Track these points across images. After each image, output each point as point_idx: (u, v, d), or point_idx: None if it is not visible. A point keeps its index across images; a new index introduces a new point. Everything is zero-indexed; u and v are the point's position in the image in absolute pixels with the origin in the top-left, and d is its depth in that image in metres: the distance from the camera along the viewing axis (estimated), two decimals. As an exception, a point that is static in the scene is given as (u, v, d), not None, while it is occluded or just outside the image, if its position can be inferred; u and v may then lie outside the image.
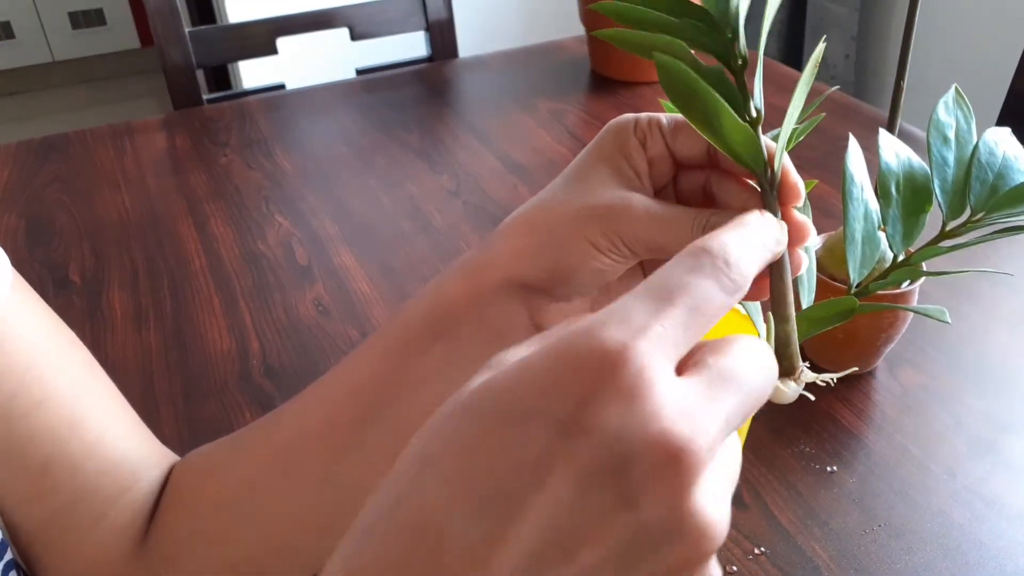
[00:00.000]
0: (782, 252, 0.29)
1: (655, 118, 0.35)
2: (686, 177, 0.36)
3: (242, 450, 0.43)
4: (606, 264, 0.34)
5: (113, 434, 0.43)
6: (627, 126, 0.35)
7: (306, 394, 0.41)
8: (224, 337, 0.74)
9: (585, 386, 0.20)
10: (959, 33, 1.93)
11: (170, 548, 0.42)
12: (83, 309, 0.79)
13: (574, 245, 0.33)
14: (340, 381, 0.40)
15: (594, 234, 0.33)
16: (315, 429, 0.40)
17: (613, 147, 0.35)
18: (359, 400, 0.39)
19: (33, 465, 0.39)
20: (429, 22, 1.33)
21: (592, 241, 0.33)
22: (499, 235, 0.36)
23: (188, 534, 0.42)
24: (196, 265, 0.85)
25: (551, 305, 0.36)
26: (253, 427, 0.43)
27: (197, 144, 1.10)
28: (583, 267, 0.34)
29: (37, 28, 3.05)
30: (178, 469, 0.45)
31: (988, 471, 0.57)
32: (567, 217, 0.34)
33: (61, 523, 0.40)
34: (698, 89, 0.28)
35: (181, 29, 1.21)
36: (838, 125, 1.03)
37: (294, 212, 0.93)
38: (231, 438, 0.44)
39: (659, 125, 0.35)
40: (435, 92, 1.24)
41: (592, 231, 0.33)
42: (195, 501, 0.43)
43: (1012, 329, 0.70)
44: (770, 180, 0.32)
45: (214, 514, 0.42)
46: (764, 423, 0.60)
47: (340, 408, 0.39)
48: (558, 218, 0.34)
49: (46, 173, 1.04)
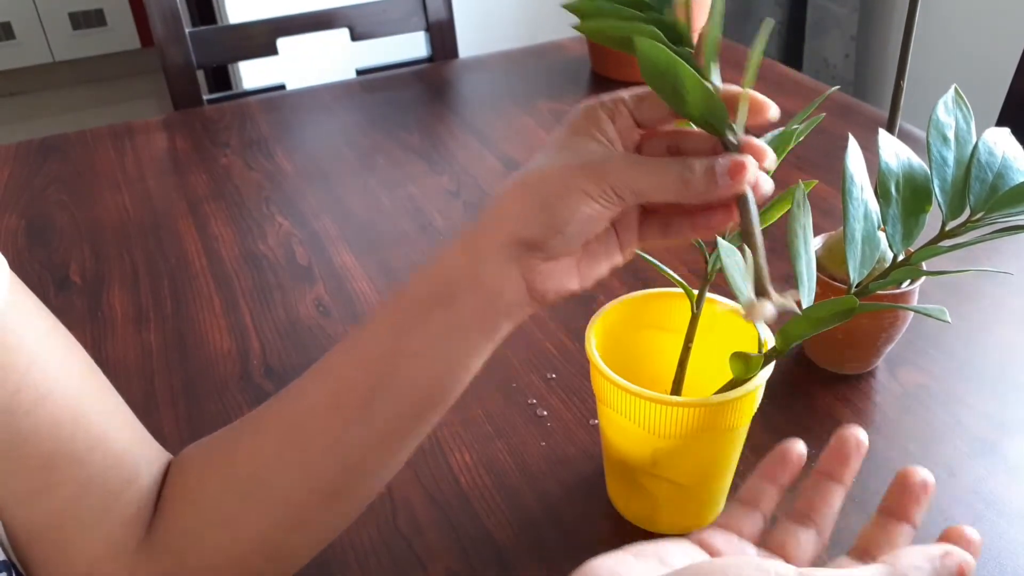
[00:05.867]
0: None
1: (618, 96, 0.40)
2: (649, 145, 0.41)
3: (247, 433, 0.43)
4: (596, 210, 0.38)
5: (115, 430, 0.43)
6: (595, 105, 0.40)
7: (311, 373, 0.43)
8: (224, 337, 0.74)
9: None
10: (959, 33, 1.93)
11: (177, 539, 0.43)
12: (84, 309, 0.79)
13: (569, 196, 0.38)
14: (346, 355, 0.42)
15: (587, 184, 0.38)
16: (323, 403, 0.41)
17: (586, 123, 0.40)
18: (366, 371, 0.41)
19: (37, 460, 0.39)
20: (429, 22, 1.33)
21: (585, 190, 0.38)
22: (493, 205, 0.40)
23: (195, 522, 0.43)
24: (197, 265, 0.85)
25: (542, 264, 0.40)
26: (257, 411, 0.44)
27: (197, 144, 1.10)
28: (576, 215, 0.38)
29: (37, 29, 3.05)
30: (177, 462, 0.45)
31: (988, 471, 0.57)
32: (560, 174, 0.38)
33: (66, 518, 0.40)
34: (670, 61, 0.33)
35: (181, 30, 1.21)
36: (838, 125, 1.04)
37: (294, 212, 0.93)
38: (231, 427, 0.45)
39: (623, 101, 0.40)
40: (435, 92, 1.24)
41: (584, 181, 0.38)
42: (200, 489, 0.43)
43: (1012, 329, 0.70)
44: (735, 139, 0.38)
45: (221, 499, 0.42)
46: (763, 423, 0.60)
47: (347, 381, 0.41)
48: (552, 177, 0.38)
49: (46, 174, 1.04)
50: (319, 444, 0.41)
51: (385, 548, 0.54)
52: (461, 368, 0.41)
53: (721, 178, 0.37)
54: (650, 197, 0.38)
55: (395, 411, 0.41)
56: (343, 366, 0.42)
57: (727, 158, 0.38)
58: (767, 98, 0.38)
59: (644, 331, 0.55)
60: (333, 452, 0.41)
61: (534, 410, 0.65)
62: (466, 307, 0.40)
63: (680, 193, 0.38)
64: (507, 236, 0.39)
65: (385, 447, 0.42)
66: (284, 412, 0.42)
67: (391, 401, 0.40)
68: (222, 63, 1.33)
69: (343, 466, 0.41)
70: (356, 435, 0.41)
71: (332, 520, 0.44)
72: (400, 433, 0.42)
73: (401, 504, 0.57)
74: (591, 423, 0.63)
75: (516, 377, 0.68)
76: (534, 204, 0.38)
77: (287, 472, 0.42)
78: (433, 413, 0.42)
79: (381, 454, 0.42)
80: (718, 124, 0.36)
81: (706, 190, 0.38)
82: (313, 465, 0.41)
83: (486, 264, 0.39)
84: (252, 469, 0.42)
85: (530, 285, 0.40)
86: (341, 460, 0.41)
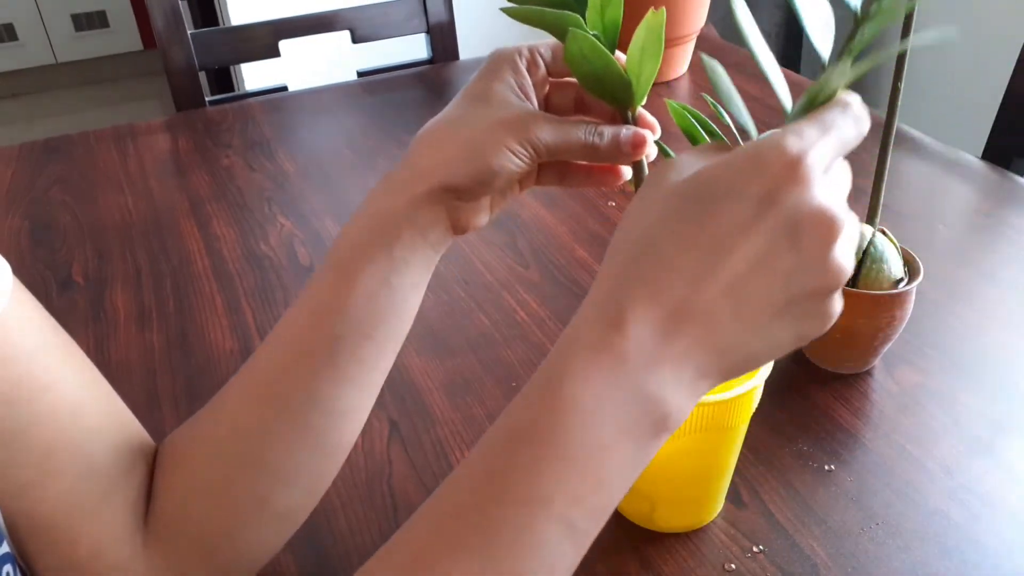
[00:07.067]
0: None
1: (535, 46, 0.47)
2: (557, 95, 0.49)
3: (226, 403, 0.45)
4: (516, 164, 0.44)
5: (112, 422, 0.44)
6: (514, 54, 0.46)
7: (273, 336, 0.45)
8: (227, 337, 0.75)
9: (775, 176, 0.32)
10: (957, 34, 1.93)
11: (171, 515, 0.44)
12: (86, 309, 0.79)
13: (495, 151, 0.43)
14: (302, 310, 0.45)
15: (511, 142, 0.43)
16: (290, 358, 0.44)
17: (507, 71, 0.45)
18: (324, 321, 0.44)
19: (36, 448, 0.40)
20: (430, 25, 1.34)
21: (509, 147, 0.43)
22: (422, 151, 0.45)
23: (186, 497, 0.44)
24: (199, 266, 0.85)
25: (465, 205, 0.45)
26: (231, 381, 0.46)
27: (200, 146, 1.10)
28: (502, 169, 0.43)
29: (40, 30, 3.06)
30: (163, 448, 0.47)
31: (985, 470, 0.58)
32: (488, 129, 0.43)
33: (66, 506, 0.41)
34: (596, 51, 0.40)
35: (184, 31, 1.21)
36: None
37: (296, 213, 0.94)
38: (208, 405, 0.46)
39: (539, 52, 0.46)
40: (436, 94, 1.24)
41: (509, 139, 0.43)
42: (189, 461, 0.45)
43: (1009, 330, 0.71)
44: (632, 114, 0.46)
45: (211, 467, 0.44)
46: (762, 422, 0.61)
47: (307, 333, 0.44)
48: (480, 131, 0.43)
49: (49, 174, 1.04)
50: (296, 397, 0.44)
51: (386, 546, 0.55)
52: (408, 299, 0.46)
53: (624, 146, 0.44)
54: (561, 156, 0.45)
55: (356, 351, 0.44)
56: (302, 324, 0.45)
57: (630, 130, 0.45)
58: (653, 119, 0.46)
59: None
60: (310, 400, 0.44)
61: (534, 409, 0.65)
62: (404, 245, 0.44)
63: (588, 156, 0.45)
64: (437, 183, 0.44)
65: (354, 384, 0.45)
66: (257, 375, 0.45)
67: (350, 343, 0.44)
68: (224, 65, 1.33)
69: (321, 411, 0.44)
70: (326, 379, 0.44)
71: (321, 466, 0.46)
72: (366, 367, 0.45)
73: (402, 502, 0.58)
74: (591, 422, 0.63)
75: (516, 377, 0.68)
76: (462, 156, 0.43)
77: (271, 428, 0.43)
78: (392, 343, 0.46)
79: (352, 391, 0.45)
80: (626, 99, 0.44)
81: (609, 156, 0.45)
82: (294, 417, 0.44)
83: (419, 207, 0.44)
84: (237, 433, 0.44)
85: (452, 222, 0.46)
86: (318, 406, 0.44)
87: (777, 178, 0.32)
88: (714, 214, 0.32)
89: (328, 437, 0.45)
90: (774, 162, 0.32)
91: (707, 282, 0.32)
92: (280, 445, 0.44)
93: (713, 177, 0.33)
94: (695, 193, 0.33)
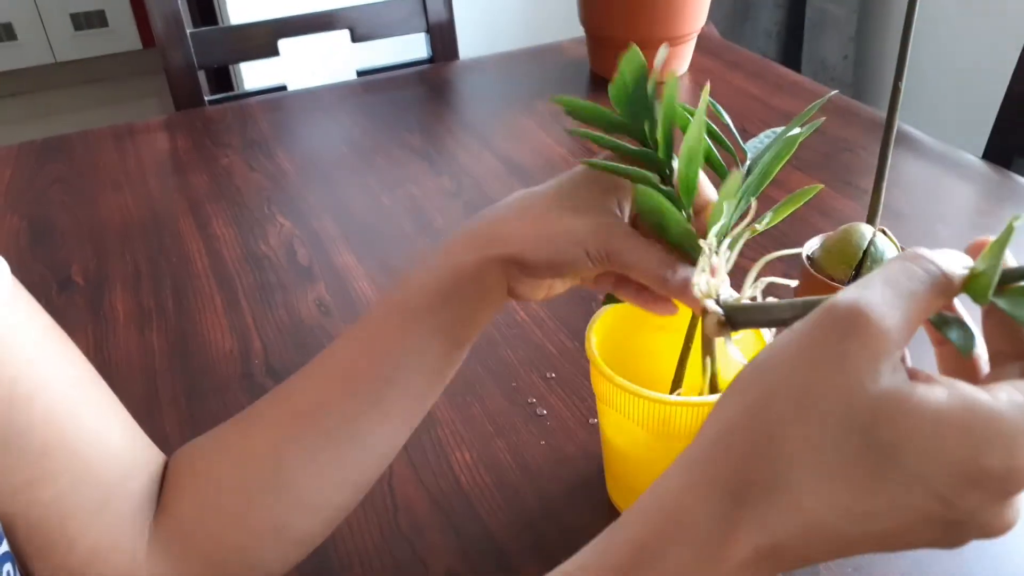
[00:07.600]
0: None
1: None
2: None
3: (256, 424, 0.45)
4: (590, 268, 0.44)
5: (110, 425, 0.44)
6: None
7: (318, 364, 0.46)
8: (226, 337, 0.75)
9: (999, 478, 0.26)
10: (957, 34, 1.93)
11: (187, 524, 0.44)
12: (86, 310, 0.79)
13: (572, 250, 0.43)
14: (355, 345, 0.46)
15: (589, 246, 0.43)
16: (338, 391, 0.44)
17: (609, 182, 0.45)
18: (378, 363, 0.44)
19: (32, 450, 0.39)
20: (430, 24, 1.34)
21: (587, 250, 0.43)
22: (508, 218, 0.45)
23: (203, 511, 0.44)
24: (198, 265, 0.85)
25: (528, 279, 0.46)
26: (262, 403, 0.46)
27: (199, 145, 1.10)
28: (572, 266, 0.44)
29: (39, 29, 3.05)
30: (178, 460, 0.46)
31: (985, 470, 0.57)
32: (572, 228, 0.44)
33: (63, 508, 0.41)
34: (660, 205, 0.41)
35: (183, 30, 1.21)
36: (837, 126, 1.04)
37: (295, 212, 0.94)
38: (235, 421, 0.46)
39: None
40: (436, 93, 1.24)
41: (589, 244, 0.43)
42: (209, 479, 0.44)
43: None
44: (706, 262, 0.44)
45: (234, 485, 0.44)
46: (763, 422, 0.61)
47: (359, 371, 0.45)
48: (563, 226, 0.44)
49: (48, 174, 1.04)
50: (339, 434, 0.44)
51: (386, 546, 0.55)
52: (458, 355, 0.47)
53: (687, 296, 0.42)
54: (630, 275, 0.44)
55: (403, 399, 0.45)
56: (353, 357, 0.45)
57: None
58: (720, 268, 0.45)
59: (644, 331, 0.55)
60: (351, 439, 0.44)
61: (534, 409, 0.65)
62: (468, 303, 0.45)
63: (654, 284, 0.44)
64: (511, 255, 0.44)
65: (395, 426, 0.46)
66: (299, 404, 0.45)
67: (400, 390, 0.45)
68: (223, 64, 1.33)
69: (360, 448, 0.45)
70: (370, 419, 0.44)
71: (345, 500, 0.46)
72: (409, 413, 0.46)
73: (402, 503, 0.58)
74: (591, 422, 0.63)
75: (516, 376, 0.68)
76: (545, 239, 0.44)
77: (308, 459, 0.43)
78: (434, 395, 0.47)
79: (392, 432, 0.46)
80: (691, 251, 0.43)
81: (672, 294, 0.43)
82: (336, 453, 0.44)
83: (489, 270, 0.45)
84: (269, 458, 0.44)
85: (511, 289, 0.47)
86: (358, 443, 0.44)
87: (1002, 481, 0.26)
88: (900, 482, 0.26)
89: (363, 475, 0.46)
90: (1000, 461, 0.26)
91: (841, 549, 0.28)
92: (314, 477, 0.44)
93: (916, 430, 0.26)
94: (877, 441, 0.26)
